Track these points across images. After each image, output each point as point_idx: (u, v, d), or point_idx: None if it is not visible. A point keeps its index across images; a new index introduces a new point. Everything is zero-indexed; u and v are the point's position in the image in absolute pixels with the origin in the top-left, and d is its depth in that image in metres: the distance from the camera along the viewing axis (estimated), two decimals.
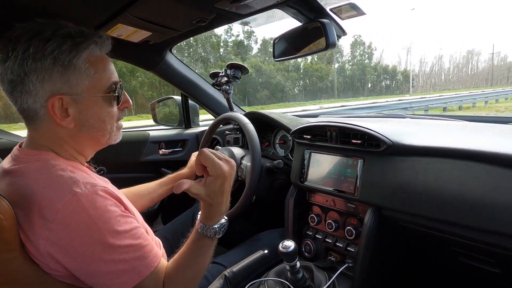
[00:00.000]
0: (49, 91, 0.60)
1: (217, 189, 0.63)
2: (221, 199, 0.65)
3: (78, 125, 0.65)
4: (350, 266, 0.91)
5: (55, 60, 0.59)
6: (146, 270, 0.59)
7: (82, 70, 0.62)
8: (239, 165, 1.16)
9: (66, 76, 0.61)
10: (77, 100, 0.63)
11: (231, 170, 0.64)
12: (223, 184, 0.63)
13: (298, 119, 1.29)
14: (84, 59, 0.62)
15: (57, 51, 0.59)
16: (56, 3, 0.80)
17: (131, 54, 1.35)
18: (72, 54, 0.60)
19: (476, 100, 15.00)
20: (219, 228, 0.67)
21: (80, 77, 0.62)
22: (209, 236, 0.66)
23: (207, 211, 0.66)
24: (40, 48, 0.58)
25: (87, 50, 0.62)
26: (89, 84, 0.63)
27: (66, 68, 0.60)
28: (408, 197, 0.77)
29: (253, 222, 1.37)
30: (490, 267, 0.80)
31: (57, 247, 0.55)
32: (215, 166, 0.61)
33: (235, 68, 1.40)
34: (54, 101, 0.60)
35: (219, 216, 0.67)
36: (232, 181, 0.66)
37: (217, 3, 0.84)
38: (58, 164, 0.60)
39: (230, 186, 0.66)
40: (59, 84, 0.60)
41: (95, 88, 0.64)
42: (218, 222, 0.67)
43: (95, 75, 0.64)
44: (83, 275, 0.57)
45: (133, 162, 1.64)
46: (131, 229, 0.60)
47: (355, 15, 0.94)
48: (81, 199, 0.55)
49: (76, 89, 0.62)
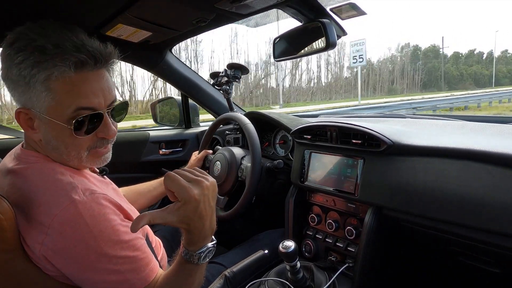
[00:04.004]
0: (18, 101, 0.60)
1: (191, 215, 0.55)
2: (200, 224, 0.57)
3: (44, 141, 0.61)
4: (350, 266, 0.91)
5: (19, 74, 0.56)
6: (140, 284, 0.58)
7: (41, 90, 0.56)
8: (239, 165, 1.16)
9: (28, 93, 0.57)
10: (40, 118, 0.59)
11: (204, 191, 0.56)
12: (196, 208, 0.55)
13: (298, 119, 1.29)
14: (43, 80, 0.56)
15: (22, 65, 0.55)
16: (56, 3, 0.80)
17: (131, 54, 1.35)
18: (33, 72, 0.55)
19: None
20: (204, 253, 0.60)
21: (40, 97, 0.57)
22: (192, 262, 0.59)
23: (188, 237, 0.59)
24: (11, 57, 0.56)
25: (47, 71, 0.55)
26: (48, 106, 0.58)
27: (27, 85, 0.56)
28: (408, 197, 0.77)
29: (253, 222, 1.37)
30: (490, 267, 0.81)
31: (52, 252, 0.55)
32: (181, 190, 0.53)
33: (235, 68, 1.40)
34: (19, 112, 0.60)
35: (202, 241, 0.59)
36: (211, 201, 0.58)
37: (217, 3, 0.84)
38: (58, 168, 0.60)
39: (210, 208, 0.58)
40: (23, 99, 0.59)
41: (54, 112, 0.58)
42: (202, 247, 0.59)
43: (55, 99, 0.57)
44: (78, 281, 0.57)
45: (133, 162, 1.64)
46: (130, 240, 0.58)
47: (355, 15, 0.94)
48: (79, 207, 0.54)
49: (38, 108, 0.58)
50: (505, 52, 77.07)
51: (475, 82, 62.17)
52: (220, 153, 1.23)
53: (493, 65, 61.42)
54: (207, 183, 0.57)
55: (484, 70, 65.87)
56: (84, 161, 0.64)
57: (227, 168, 1.17)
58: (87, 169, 0.70)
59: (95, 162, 0.66)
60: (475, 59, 71.94)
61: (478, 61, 71.83)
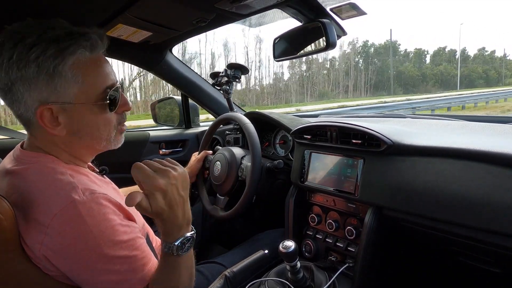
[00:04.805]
0: (37, 101, 0.57)
1: (161, 204, 0.54)
2: (172, 214, 0.56)
3: (70, 133, 0.62)
4: (350, 266, 0.91)
5: (39, 68, 0.55)
6: (139, 284, 0.58)
7: (69, 77, 0.58)
8: (239, 165, 1.16)
9: (53, 84, 0.57)
10: (67, 109, 0.59)
11: (170, 180, 0.55)
12: (165, 198, 0.55)
13: (298, 119, 1.29)
14: (70, 66, 0.57)
15: (41, 58, 0.55)
16: (56, 2, 0.80)
17: (131, 54, 1.35)
18: (57, 61, 0.56)
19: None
20: (181, 243, 0.59)
21: (67, 85, 0.58)
22: (172, 254, 0.59)
23: (162, 228, 0.58)
24: (23, 55, 0.55)
25: (73, 56, 0.58)
26: (78, 91, 0.59)
27: (51, 76, 0.56)
28: (408, 197, 0.77)
29: (254, 222, 1.37)
30: (490, 267, 0.81)
31: (52, 252, 0.55)
32: (146, 180, 0.54)
33: (235, 68, 1.40)
34: (42, 111, 0.58)
35: (178, 231, 0.59)
36: (180, 191, 0.58)
37: (217, 3, 0.84)
38: (58, 168, 0.60)
39: (180, 198, 0.58)
40: (45, 93, 0.57)
41: (85, 95, 0.60)
42: (179, 237, 0.59)
43: (84, 82, 0.59)
44: (77, 281, 0.57)
45: (133, 162, 1.63)
46: (129, 240, 0.58)
47: (355, 15, 0.94)
48: (79, 207, 0.54)
49: (64, 98, 0.58)
50: (482, 50, 69.69)
51: (443, 84, 54.97)
52: (220, 153, 1.23)
53: (458, 63, 54.35)
54: (174, 173, 0.57)
55: (454, 70, 57.46)
56: (113, 141, 0.67)
57: (227, 168, 1.17)
58: (86, 167, 0.70)
59: (119, 141, 0.69)
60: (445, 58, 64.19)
61: (449, 59, 64.22)
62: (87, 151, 0.67)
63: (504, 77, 61.62)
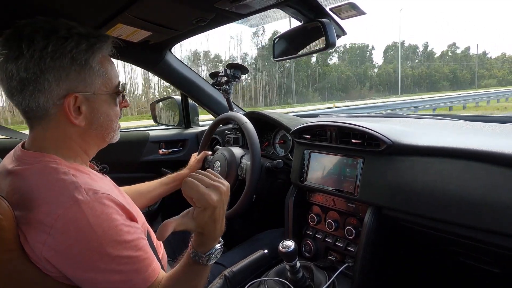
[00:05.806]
0: (65, 89, 0.61)
1: (207, 220, 0.58)
2: (213, 227, 0.60)
3: (88, 123, 0.65)
4: (350, 265, 0.91)
5: (73, 59, 0.60)
6: (142, 284, 0.59)
7: (96, 70, 0.64)
8: (239, 164, 1.16)
9: (82, 75, 0.62)
10: (90, 99, 0.64)
11: (222, 196, 0.59)
12: (213, 214, 0.58)
13: (298, 119, 1.29)
14: (98, 59, 0.64)
15: (75, 50, 0.60)
16: (56, 2, 0.80)
17: (131, 54, 1.35)
18: (88, 54, 0.62)
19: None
20: (213, 254, 0.62)
21: (94, 77, 0.64)
22: (201, 263, 0.62)
23: (199, 240, 0.61)
24: (59, 46, 0.59)
25: (100, 51, 0.65)
26: (101, 83, 0.65)
27: (82, 67, 0.62)
28: (408, 197, 0.77)
29: (253, 222, 1.37)
30: (490, 267, 0.81)
31: (54, 252, 0.54)
32: (202, 197, 0.56)
33: (235, 68, 1.40)
34: (70, 99, 0.61)
35: (212, 243, 0.62)
36: (225, 205, 0.61)
37: (217, 3, 0.84)
38: (61, 168, 0.60)
39: (223, 212, 0.61)
40: (75, 83, 0.62)
41: (105, 87, 0.66)
42: (212, 248, 0.62)
43: (106, 75, 0.66)
44: (79, 281, 0.57)
45: (133, 162, 1.64)
46: (132, 240, 0.58)
47: (355, 14, 0.94)
48: (82, 207, 0.54)
49: (90, 88, 0.64)
50: (452, 46, 60.31)
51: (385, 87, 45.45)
52: (219, 153, 1.23)
53: (399, 61, 44.56)
54: (224, 189, 0.60)
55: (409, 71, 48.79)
56: (116, 134, 0.72)
57: (226, 167, 1.17)
58: (87, 166, 0.70)
59: (117, 135, 0.73)
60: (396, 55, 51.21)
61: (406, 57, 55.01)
62: (96, 143, 0.71)
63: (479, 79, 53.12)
